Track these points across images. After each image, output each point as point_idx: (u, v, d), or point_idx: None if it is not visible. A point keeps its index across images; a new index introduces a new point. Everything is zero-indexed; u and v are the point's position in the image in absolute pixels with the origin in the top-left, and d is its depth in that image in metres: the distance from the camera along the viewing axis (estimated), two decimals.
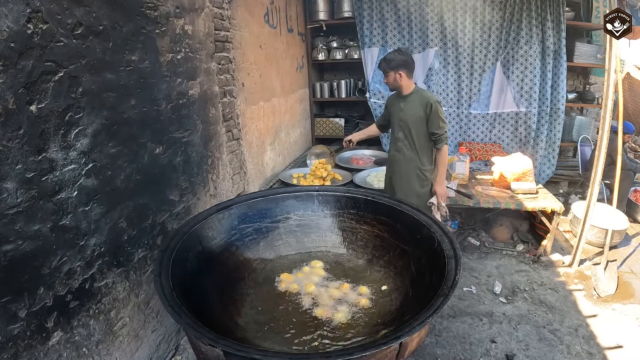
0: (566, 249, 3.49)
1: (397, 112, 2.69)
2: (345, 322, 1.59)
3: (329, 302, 1.71)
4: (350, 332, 1.53)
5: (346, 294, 1.77)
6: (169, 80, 2.06)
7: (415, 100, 2.61)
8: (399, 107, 2.68)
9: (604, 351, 2.27)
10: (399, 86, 2.63)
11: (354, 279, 1.87)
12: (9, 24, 1.19)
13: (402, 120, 2.65)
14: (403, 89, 2.64)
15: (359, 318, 1.61)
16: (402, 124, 2.66)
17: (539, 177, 4.50)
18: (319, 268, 1.95)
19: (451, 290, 1.26)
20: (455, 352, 2.28)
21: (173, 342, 2.21)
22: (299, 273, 1.91)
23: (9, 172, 1.23)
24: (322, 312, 1.64)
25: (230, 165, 2.83)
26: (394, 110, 2.72)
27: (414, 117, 2.60)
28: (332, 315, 1.62)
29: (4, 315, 1.23)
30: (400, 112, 2.66)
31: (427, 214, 1.88)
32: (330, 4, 4.81)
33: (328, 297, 1.74)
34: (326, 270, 1.94)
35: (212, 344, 1.08)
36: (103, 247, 1.65)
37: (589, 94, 4.91)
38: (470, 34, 4.40)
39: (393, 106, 2.75)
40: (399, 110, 2.67)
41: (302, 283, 1.83)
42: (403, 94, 2.65)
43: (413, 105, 2.60)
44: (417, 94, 2.63)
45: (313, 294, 1.76)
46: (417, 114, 2.59)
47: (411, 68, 2.62)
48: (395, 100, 2.73)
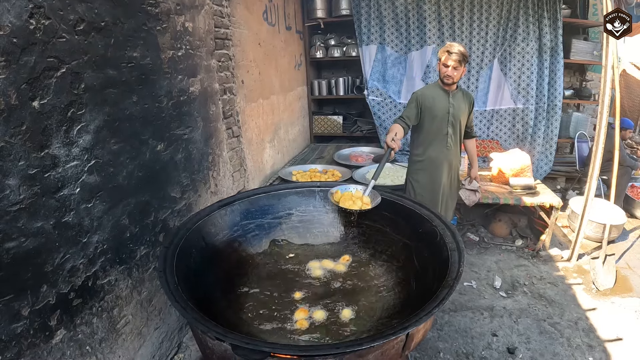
0: (564, 244, 3.52)
1: (445, 107, 2.59)
2: (350, 317, 1.59)
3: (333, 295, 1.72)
4: (355, 325, 1.54)
5: (350, 286, 1.77)
6: (170, 77, 2.06)
7: (461, 96, 2.65)
8: (446, 102, 2.58)
9: (603, 343, 2.29)
10: (457, 82, 2.58)
11: (357, 272, 1.88)
12: (11, 19, 1.18)
13: (454, 116, 2.61)
14: (454, 84, 2.59)
15: (364, 312, 1.62)
16: (453, 120, 2.62)
17: (537, 174, 4.52)
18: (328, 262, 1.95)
19: (456, 281, 1.26)
20: (457, 346, 2.29)
21: (176, 340, 2.21)
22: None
23: (12, 168, 1.22)
24: (326, 307, 1.64)
25: (231, 162, 2.82)
26: (440, 106, 2.59)
27: (463, 113, 2.65)
28: (336, 310, 1.63)
29: (7, 313, 1.22)
30: (451, 107, 2.59)
31: (428, 207, 1.88)
32: (328, 2, 4.81)
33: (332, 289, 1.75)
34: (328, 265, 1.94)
35: (220, 338, 1.08)
36: (105, 244, 1.64)
37: (586, 91, 4.95)
38: (468, 31, 4.41)
39: (437, 102, 2.59)
40: (448, 106, 2.58)
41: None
42: (452, 89, 2.61)
43: (461, 100, 2.64)
44: (460, 90, 2.68)
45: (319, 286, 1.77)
46: (464, 108, 2.65)
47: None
48: (438, 96, 2.60)
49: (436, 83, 2.68)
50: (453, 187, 2.85)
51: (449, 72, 2.48)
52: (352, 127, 5.35)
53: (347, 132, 5.34)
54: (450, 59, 2.45)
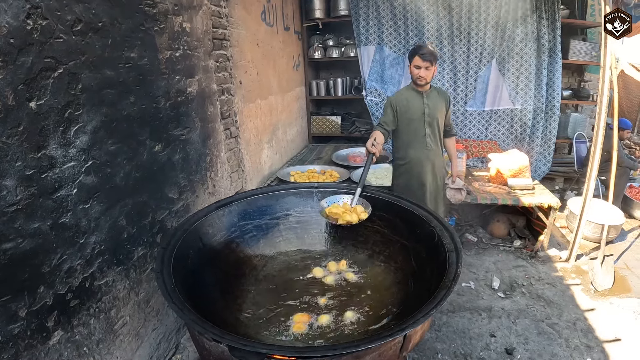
0: (563, 245, 3.52)
1: (420, 108, 2.59)
2: (347, 318, 1.59)
3: (330, 296, 1.72)
4: (353, 326, 1.54)
5: (347, 287, 1.77)
6: (168, 78, 2.05)
7: (436, 95, 2.65)
8: (421, 103, 2.59)
9: (602, 344, 2.30)
10: (429, 82, 2.58)
11: (355, 273, 1.88)
12: (8, 19, 1.18)
13: (430, 116, 2.61)
14: (427, 85, 2.59)
15: (362, 313, 1.62)
16: (429, 120, 2.62)
17: (535, 174, 4.53)
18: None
19: (453, 282, 1.26)
20: (456, 347, 2.29)
21: (173, 340, 2.20)
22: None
23: (9, 169, 1.22)
24: (324, 309, 1.64)
25: (229, 163, 2.82)
26: (415, 108, 2.60)
27: (440, 111, 2.64)
28: (334, 312, 1.62)
29: (4, 314, 1.22)
30: (426, 107, 2.59)
31: (426, 208, 1.88)
32: (327, 2, 4.81)
33: (329, 291, 1.75)
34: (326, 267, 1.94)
35: (217, 339, 1.07)
36: (103, 245, 1.64)
37: (584, 91, 4.96)
38: (466, 31, 4.42)
39: (411, 104, 2.60)
40: (423, 106, 2.59)
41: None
42: (425, 89, 2.61)
43: (436, 99, 2.64)
44: (435, 89, 2.68)
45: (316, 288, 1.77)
46: (440, 107, 2.64)
47: None
48: (412, 98, 2.62)
49: (409, 85, 2.69)
50: (439, 187, 2.83)
51: (421, 73, 2.50)
52: (350, 128, 5.35)
53: (345, 133, 5.33)
54: (420, 61, 2.47)
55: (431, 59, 2.46)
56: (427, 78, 2.53)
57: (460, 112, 4.68)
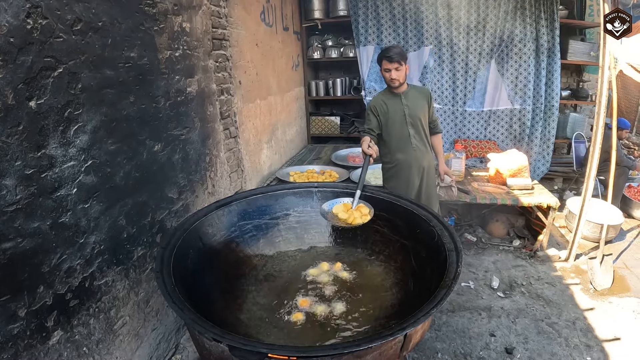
0: (562, 244, 3.52)
1: (400, 110, 2.58)
2: (348, 317, 1.59)
3: (330, 296, 1.72)
4: (353, 326, 1.53)
5: (347, 287, 1.77)
6: (167, 78, 2.05)
7: (415, 93, 2.63)
8: (400, 105, 2.58)
9: (601, 343, 2.30)
10: (403, 81, 2.56)
11: (355, 273, 1.88)
12: (8, 18, 1.18)
13: (411, 116, 2.58)
14: (403, 85, 2.57)
15: (362, 313, 1.62)
16: (411, 120, 2.59)
17: (534, 174, 4.54)
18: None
19: (454, 282, 1.26)
20: (455, 346, 2.29)
21: (173, 341, 2.20)
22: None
23: (8, 168, 1.22)
24: (324, 309, 1.64)
25: (228, 163, 2.82)
26: (395, 110, 2.59)
27: (421, 110, 2.61)
28: (334, 311, 1.62)
29: (3, 314, 1.21)
30: (406, 108, 2.57)
31: (426, 207, 1.88)
32: (326, 3, 4.82)
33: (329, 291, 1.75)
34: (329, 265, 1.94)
35: (217, 339, 1.07)
36: (102, 244, 1.64)
37: (583, 91, 4.97)
38: (465, 32, 4.43)
39: (390, 107, 2.59)
40: (403, 107, 2.57)
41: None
42: (401, 90, 2.59)
43: (416, 98, 2.61)
44: (413, 87, 2.67)
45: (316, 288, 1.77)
46: (421, 105, 2.61)
47: None
48: (390, 100, 2.60)
49: (386, 90, 2.67)
50: (431, 186, 2.78)
51: (392, 75, 2.49)
52: (349, 128, 5.35)
53: (344, 133, 5.34)
54: (388, 63, 2.46)
55: (399, 59, 2.44)
56: (400, 79, 2.50)
57: (460, 112, 4.69)
